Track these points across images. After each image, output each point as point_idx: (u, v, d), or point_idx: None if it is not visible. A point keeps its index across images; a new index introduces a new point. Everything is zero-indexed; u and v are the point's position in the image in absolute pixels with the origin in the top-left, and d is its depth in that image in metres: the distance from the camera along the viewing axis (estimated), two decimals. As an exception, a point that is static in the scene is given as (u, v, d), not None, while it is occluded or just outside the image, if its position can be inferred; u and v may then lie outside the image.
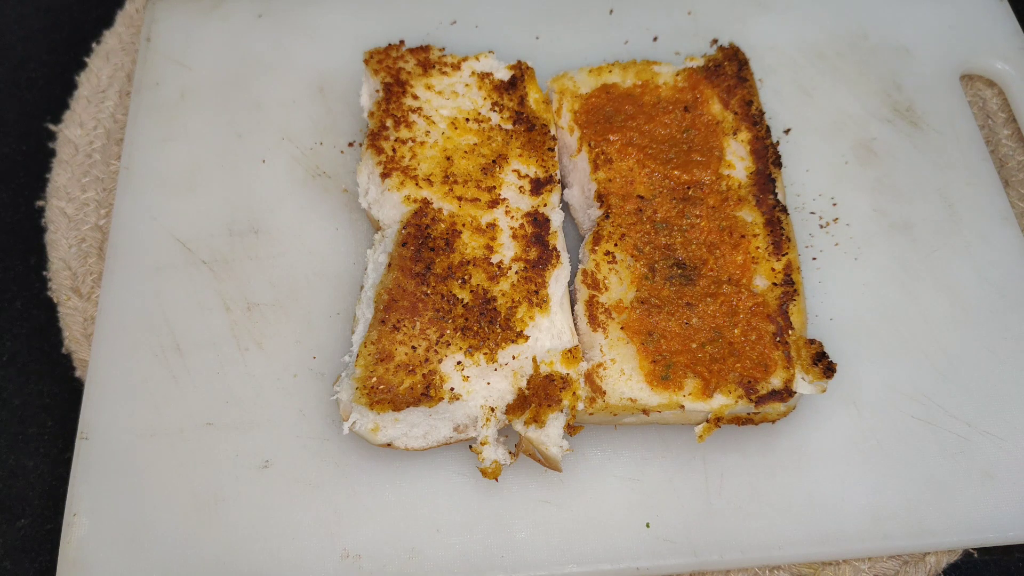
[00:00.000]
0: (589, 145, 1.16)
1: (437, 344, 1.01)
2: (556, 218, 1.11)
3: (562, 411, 0.98)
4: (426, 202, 1.10)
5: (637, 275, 1.06)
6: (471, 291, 1.04)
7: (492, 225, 1.09)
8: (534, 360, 1.01)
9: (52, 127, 1.40)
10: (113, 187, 1.32)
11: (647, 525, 1.02)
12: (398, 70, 1.22)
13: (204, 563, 1.00)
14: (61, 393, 1.19)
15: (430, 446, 1.02)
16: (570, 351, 1.01)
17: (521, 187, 1.12)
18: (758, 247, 1.08)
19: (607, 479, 1.05)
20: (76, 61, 1.46)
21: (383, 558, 1.00)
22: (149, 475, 1.05)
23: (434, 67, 1.23)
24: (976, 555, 1.07)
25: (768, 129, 1.16)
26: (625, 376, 1.00)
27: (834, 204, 1.23)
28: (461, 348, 1.01)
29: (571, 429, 1.01)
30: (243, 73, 1.36)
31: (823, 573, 1.04)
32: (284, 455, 1.06)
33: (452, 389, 0.99)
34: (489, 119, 1.18)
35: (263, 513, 1.03)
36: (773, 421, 1.06)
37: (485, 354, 1.01)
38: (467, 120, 1.17)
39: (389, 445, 1.01)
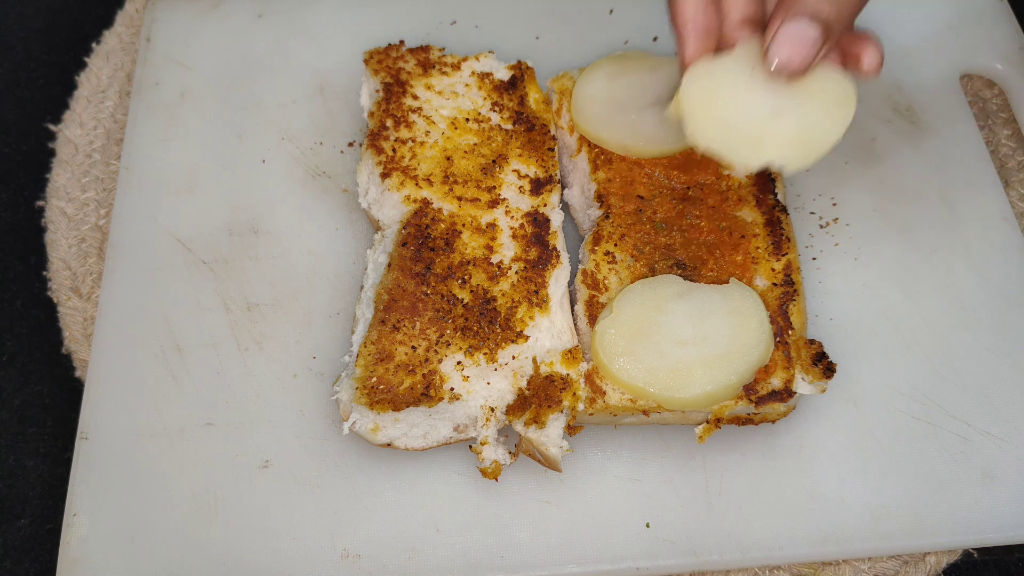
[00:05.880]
0: (589, 145, 1.16)
1: (437, 344, 1.01)
2: (556, 218, 1.11)
3: (562, 412, 0.98)
4: (426, 202, 1.10)
5: (637, 275, 1.06)
6: (471, 291, 1.04)
7: (492, 225, 1.09)
8: (534, 360, 1.01)
9: (52, 127, 1.40)
10: (113, 187, 1.32)
11: (647, 525, 1.02)
12: (398, 70, 1.22)
13: (204, 563, 1.00)
14: (61, 393, 1.19)
15: (430, 446, 1.02)
16: (570, 351, 1.01)
17: (521, 187, 1.12)
18: (758, 247, 1.08)
19: (607, 479, 1.05)
20: (76, 61, 1.46)
21: (383, 558, 1.00)
22: (149, 475, 1.05)
23: (434, 67, 1.23)
24: (976, 555, 1.07)
25: (768, 129, 1.16)
26: (625, 376, 1.00)
27: (834, 204, 1.23)
28: (461, 348, 1.01)
29: (571, 429, 1.01)
30: (243, 73, 1.36)
31: (823, 573, 1.04)
32: (284, 455, 1.06)
33: (452, 389, 0.99)
34: (489, 119, 1.18)
35: (263, 513, 1.03)
36: (773, 421, 1.06)
37: (485, 354, 1.01)
38: (467, 120, 1.18)
39: (389, 445, 1.02)
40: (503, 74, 1.23)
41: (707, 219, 1.10)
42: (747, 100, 0.91)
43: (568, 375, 1.00)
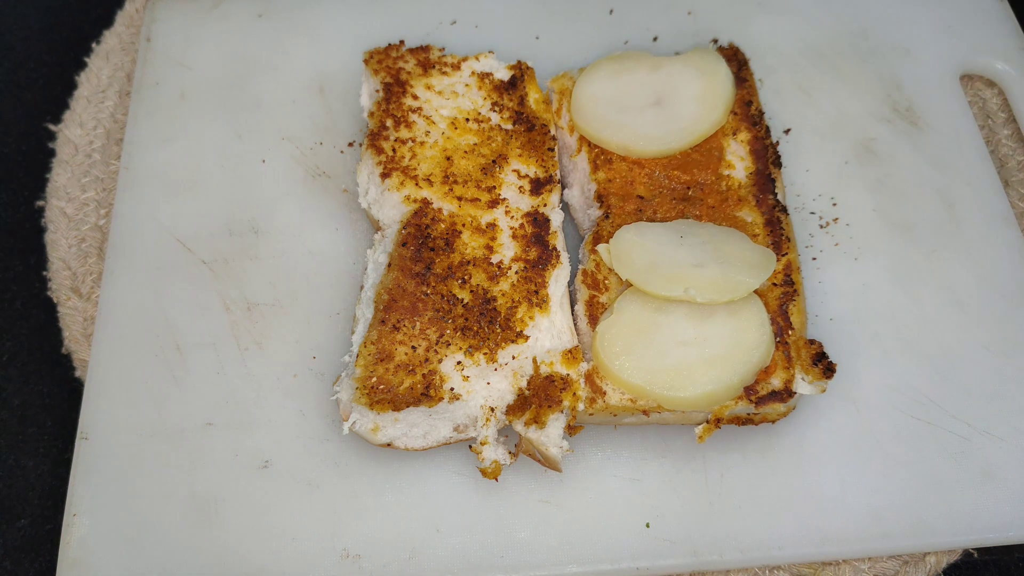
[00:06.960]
0: (589, 145, 1.16)
1: (437, 344, 1.01)
2: (556, 218, 1.11)
3: (562, 412, 0.98)
4: (426, 202, 1.10)
5: (637, 275, 1.06)
6: (471, 291, 1.04)
7: (492, 225, 1.09)
8: (534, 360, 1.01)
9: (52, 127, 1.40)
10: (113, 187, 1.32)
11: (647, 525, 1.02)
12: (398, 70, 1.22)
13: (204, 563, 1.00)
14: (61, 393, 1.19)
15: (430, 446, 1.02)
16: (570, 351, 1.01)
17: (521, 187, 1.12)
18: (758, 247, 1.08)
19: (607, 479, 1.05)
20: (76, 61, 1.46)
21: (383, 558, 1.00)
22: (149, 475, 1.05)
23: (434, 67, 1.23)
24: (976, 555, 1.07)
25: (768, 129, 1.16)
26: (625, 376, 1.00)
27: (834, 204, 1.23)
28: (461, 348, 1.01)
29: (571, 429, 1.01)
30: (243, 73, 1.36)
31: (823, 573, 1.04)
32: (284, 455, 1.06)
33: (452, 389, 0.99)
34: (489, 119, 1.18)
35: (263, 513, 1.03)
36: (773, 421, 1.06)
37: (485, 354, 1.01)
38: (467, 120, 1.17)
39: (389, 445, 1.02)
40: (503, 74, 1.23)
41: (707, 219, 1.10)
42: (673, 254, 1.02)
43: (568, 375, 0.99)
